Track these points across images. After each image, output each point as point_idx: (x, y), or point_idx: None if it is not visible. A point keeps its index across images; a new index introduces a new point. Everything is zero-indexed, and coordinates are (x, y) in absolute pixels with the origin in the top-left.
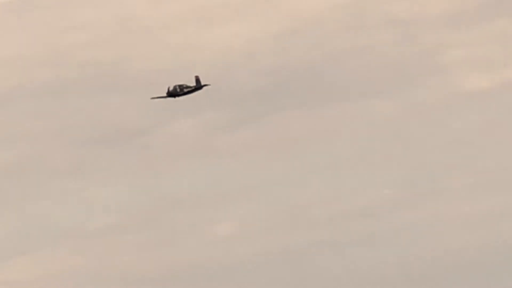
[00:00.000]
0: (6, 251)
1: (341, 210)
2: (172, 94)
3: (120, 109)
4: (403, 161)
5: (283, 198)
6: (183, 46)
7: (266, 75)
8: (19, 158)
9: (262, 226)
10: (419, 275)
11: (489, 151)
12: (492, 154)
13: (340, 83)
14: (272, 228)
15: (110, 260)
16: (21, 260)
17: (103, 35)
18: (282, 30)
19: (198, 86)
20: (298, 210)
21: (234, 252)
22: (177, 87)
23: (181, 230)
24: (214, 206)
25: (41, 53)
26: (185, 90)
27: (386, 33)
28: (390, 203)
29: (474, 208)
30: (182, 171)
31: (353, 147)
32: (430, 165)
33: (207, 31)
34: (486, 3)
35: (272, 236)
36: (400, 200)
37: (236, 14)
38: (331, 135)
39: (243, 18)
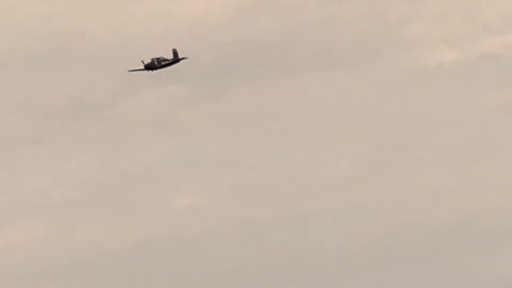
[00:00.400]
0: None
1: (304, 185)
2: (149, 67)
3: (83, 82)
4: (366, 135)
5: (246, 172)
6: (146, 18)
7: (229, 48)
8: None
9: (224, 200)
10: (384, 249)
11: (452, 126)
12: (455, 129)
13: (304, 56)
14: (235, 202)
15: (72, 233)
16: None
17: (67, 7)
18: (246, 3)
19: (176, 59)
20: (261, 184)
21: (196, 225)
22: (155, 60)
23: (144, 203)
24: (177, 180)
25: (1, 24)
26: (163, 63)
27: (350, 6)
28: (353, 178)
29: (438, 182)
30: (145, 144)
31: (317, 120)
32: (394, 140)
33: (170, 3)
34: None
35: (235, 210)
36: (363, 174)
37: None
38: (294, 108)
39: None
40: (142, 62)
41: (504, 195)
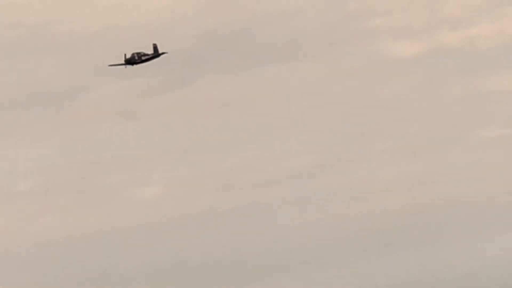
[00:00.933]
0: None
1: (267, 174)
2: (130, 61)
3: (47, 72)
4: (329, 126)
5: (209, 162)
6: (112, 10)
7: (193, 39)
8: None
9: (187, 189)
10: (344, 238)
11: (413, 117)
12: (416, 120)
13: (268, 47)
14: (198, 192)
15: (35, 222)
16: None
17: None
18: None
19: (156, 54)
20: (224, 173)
21: (159, 214)
22: (135, 54)
23: (106, 193)
24: (139, 169)
25: None
26: (143, 58)
27: None
28: (316, 167)
29: (398, 171)
30: (108, 134)
31: (279, 111)
32: (355, 130)
33: None
34: None
35: (198, 199)
36: (326, 164)
37: None
38: (257, 99)
39: None
40: (125, 55)
41: (464, 186)
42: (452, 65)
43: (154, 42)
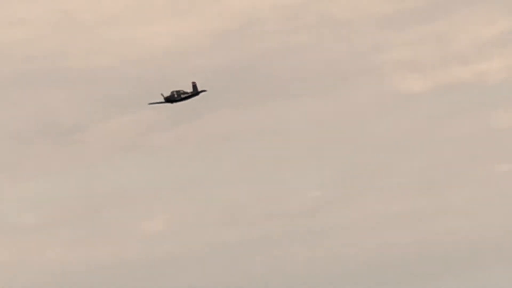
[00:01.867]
0: None
1: (272, 209)
2: (169, 99)
3: (56, 105)
4: (335, 160)
5: (215, 196)
6: (121, 44)
7: (202, 74)
8: None
9: (193, 223)
10: (351, 273)
11: (421, 152)
12: (424, 155)
13: (276, 82)
14: (202, 225)
15: (41, 256)
16: None
17: (41, 31)
18: (220, 29)
19: (195, 92)
20: (229, 208)
21: (165, 248)
22: (175, 92)
23: (113, 226)
24: (147, 203)
25: None
26: (182, 95)
27: (323, 33)
28: (322, 202)
29: (405, 207)
30: (116, 167)
31: (286, 146)
32: (362, 165)
33: (145, 28)
34: (421, 6)
35: (202, 233)
36: (332, 199)
37: (174, 12)
38: (265, 134)
39: (181, 16)
40: (162, 95)
41: (472, 222)
42: (462, 100)
43: (193, 80)
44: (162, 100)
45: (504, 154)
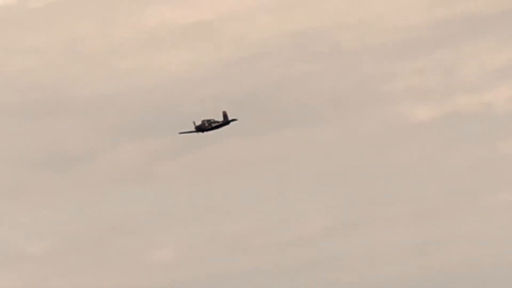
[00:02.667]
0: None
1: (278, 238)
2: (200, 128)
3: (64, 133)
4: (343, 189)
5: (222, 226)
6: (128, 71)
7: (208, 102)
8: None
9: (199, 253)
10: None
11: (427, 181)
12: (431, 184)
13: (284, 110)
14: (210, 256)
15: (47, 284)
16: None
17: (49, 60)
18: (229, 58)
19: (226, 121)
20: (235, 237)
21: (171, 278)
22: (205, 122)
23: (119, 255)
24: (153, 232)
25: None
26: (213, 125)
27: (331, 61)
28: (328, 231)
29: (413, 237)
30: (123, 196)
31: (292, 174)
32: (367, 195)
33: (155, 56)
34: (429, 35)
35: (210, 263)
36: (339, 229)
37: (184, 40)
38: (271, 162)
39: (191, 44)
40: (194, 123)
41: (478, 251)
42: (469, 129)
43: (224, 110)
44: (193, 129)
45: (510, 183)
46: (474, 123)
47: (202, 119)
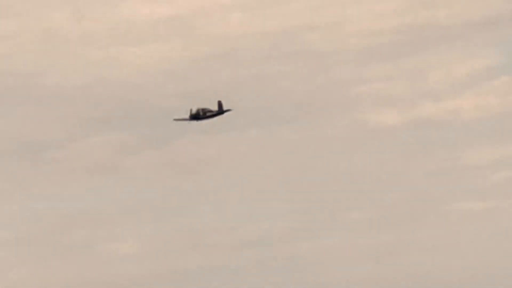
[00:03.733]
0: None
1: (239, 237)
2: (195, 117)
3: (32, 123)
4: (304, 192)
5: (183, 222)
6: (99, 63)
7: (177, 98)
8: None
9: (160, 248)
10: None
11: (389, 187)
12: (392, 190)
13: (249, 110)
14: (170, 251)
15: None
16: None
17: (20, 47)
18: (199, 54)
19: (220, 111)
20: (196, 234)
21: (132, 271)
22: (200, 110)
23: (79, 246)
24: (116, 225)
25: None
26: (208, 114)
27: (299, 63)
28: (287, 234)
29: (373, 242)
30: (89, 187)
31: (256, 174)
32: (330, 197)
33: (126, 49)
34: (398, 40)
35: (170, 258)
36: (297, 230)
37: (156, 34)
38: (233, 161)
39: (162, 39)
40: (190, 110)
41: (438, 258)
42: (433, 137)
43: (219, 99)
44: (187, 117)
45: (474, 192)
46: (439, 130)
47: (197, 107)
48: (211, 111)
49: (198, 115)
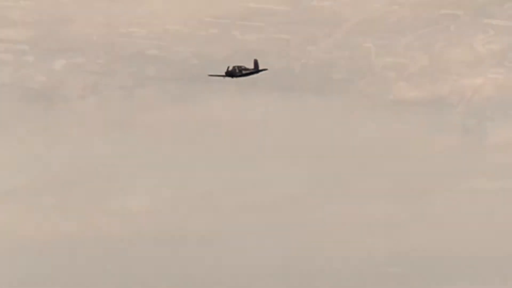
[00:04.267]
0: None
1: (247, 200)
2: (231, 74)
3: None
4: (318, 160)
5: (191, 182)
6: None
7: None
8: None
9: (169, 206)
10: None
11: (404, 161)
12: (406, 164)
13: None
14: (175, 210)
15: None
16: None
17: None
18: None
19: (256, 69)
20: (201, 195)
21: (141, 226)
22: (236, 68)
23: (90, 198)
24: (126, 180)
25: None
26: (244, 72)
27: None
28: (297, 201)
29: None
30: (101, 140)
31: (274, 137)
32: (336, 166)
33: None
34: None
35: (175, 217)
36: (309, 195)
37: None
38: (253, 125)
39: None
40: (228, 67)
41: (447, 231)
42: (448, 112)
43: (255, 58)
44: (223, 73)
45: (491, 170)
46: (455, 107)
47: (233, 65)
48: (247, 69)
49: (234, 72)
